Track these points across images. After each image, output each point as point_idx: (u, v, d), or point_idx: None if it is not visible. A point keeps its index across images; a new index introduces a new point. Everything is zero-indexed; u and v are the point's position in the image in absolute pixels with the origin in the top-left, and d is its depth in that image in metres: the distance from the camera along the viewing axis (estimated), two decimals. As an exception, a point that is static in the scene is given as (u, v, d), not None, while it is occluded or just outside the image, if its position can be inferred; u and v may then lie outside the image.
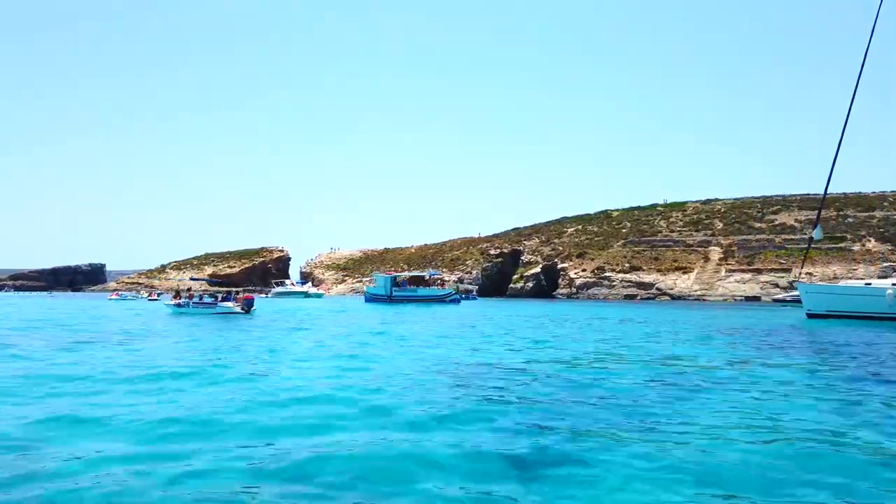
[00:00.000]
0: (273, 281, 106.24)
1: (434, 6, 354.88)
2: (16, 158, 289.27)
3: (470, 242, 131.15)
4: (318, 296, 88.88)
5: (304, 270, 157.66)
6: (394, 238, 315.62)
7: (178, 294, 38.23)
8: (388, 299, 60.52)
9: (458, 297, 62.53)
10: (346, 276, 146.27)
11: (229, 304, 33.97)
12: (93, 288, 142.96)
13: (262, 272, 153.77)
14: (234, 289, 37.50)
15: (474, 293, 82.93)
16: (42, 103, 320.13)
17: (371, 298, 62.62)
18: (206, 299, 35.14)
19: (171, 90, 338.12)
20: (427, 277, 66.87)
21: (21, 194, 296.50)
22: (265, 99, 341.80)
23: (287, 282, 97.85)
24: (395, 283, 62.78)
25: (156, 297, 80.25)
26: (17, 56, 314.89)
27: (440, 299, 59.45)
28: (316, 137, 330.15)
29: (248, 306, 33.64)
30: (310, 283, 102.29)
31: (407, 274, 68.09)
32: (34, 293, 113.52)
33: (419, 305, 52.59)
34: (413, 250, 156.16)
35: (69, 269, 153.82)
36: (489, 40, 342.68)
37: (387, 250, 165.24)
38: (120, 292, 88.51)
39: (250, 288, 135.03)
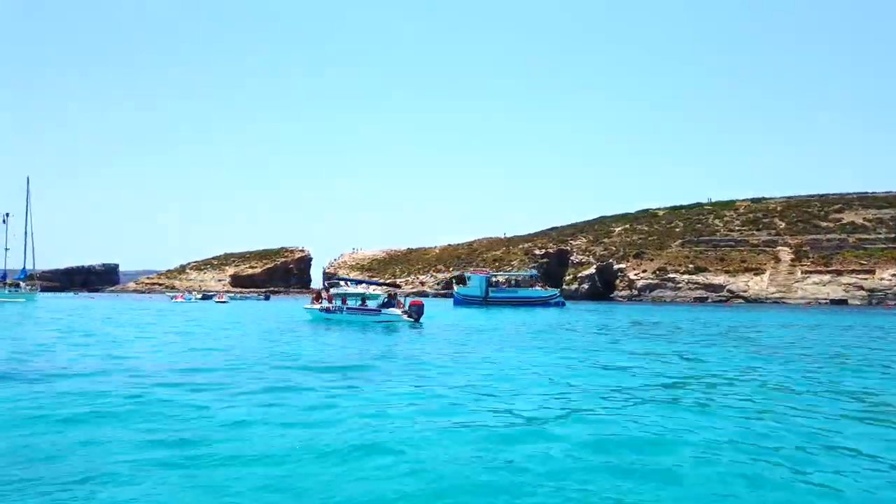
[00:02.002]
0: (326, 282, 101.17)
1: (466, 8, 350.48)
2: (21, 158, 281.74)
3: (506, 242, 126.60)
4: (375, 297, 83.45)
5: (327, 271, 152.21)
6: (407, 239, 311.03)
7: (318, 296, 32.86)
8: (484, 301, 55.18)
9: (561, 299, 57.28)
10: (373, 276, 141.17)
11: (395, 310, 28.83)
12: (112, 288, 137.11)
13: (283, 272, 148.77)
14: (394, 289, 32.36)
15: None
16: (50, 103, 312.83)
17: (462, 301, 57.01)
18: (351, 302, 30.11)
19: (189, 94, 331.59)
20: (528, 278, 61.35)
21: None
22: (274, 100, 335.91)
23: (342, 283, 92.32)
24: (489, 283, 57.28)
25: (223, 300, 75.02)
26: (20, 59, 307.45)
27: (544, 302, 54.11)
28: (328, 138, 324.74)
29: (418, 314, 28.40)
30: (364, 284, 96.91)
31: (508, 274, 61.79)
32: (59, 294, 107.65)
33: (521, 309, 47.52)
34: (438, 251, 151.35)
35: (83, 269, 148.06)
36: (505, 45, 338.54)
37: (410, 250, 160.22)
38: (185, 294, 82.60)
39: (274, 289, 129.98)
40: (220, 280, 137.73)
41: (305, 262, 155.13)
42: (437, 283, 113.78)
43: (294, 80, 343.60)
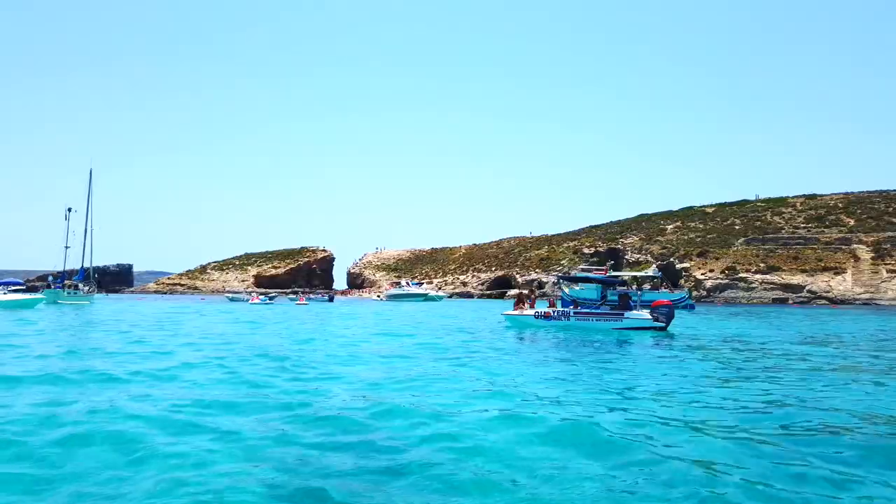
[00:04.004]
0: (388, 283, 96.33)
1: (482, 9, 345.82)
2: (28, 158, 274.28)
3: (546, 240, 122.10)
4: (438, 298, 78.54)
5: (352, 271, 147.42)
6: (413, 239, 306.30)
7: (522, 300, 26.96)
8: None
9: (691, 301, 51.82)
10: (399, 277, 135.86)
11: (642, 313, 23.35)
12: (131, 290, 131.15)
13: (307, 273, 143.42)
14: (622, 288, 27.21)
15: None
16: (58, 102, 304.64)
17: (572, 304, 50.80)
18: (560, 304, 24.82)
19: (192, 95, 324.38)
20: (654, 279, 55.34)
21: (34, 194, 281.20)
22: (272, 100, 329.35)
23: (403, 282, 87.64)
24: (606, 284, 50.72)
25: (304, 302, 69.68)
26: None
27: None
28: (329, 138, 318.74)
29: (668, 318, 23.09)
30: (424, 285, 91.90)
31: (630, 274, 54.51)
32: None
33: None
34: (464, 250, 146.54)
35: (97, 270, 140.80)
36: (514, 46, 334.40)
37: (435, 250, 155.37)
38: (260, 296, 75.74)
39: (296, 290, 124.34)
40: (243, 280, 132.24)
41: (328, 262, 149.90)
42: (482, 284, 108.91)
43: (293, 81, 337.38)
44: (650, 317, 23.18)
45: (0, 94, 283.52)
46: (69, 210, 64.15)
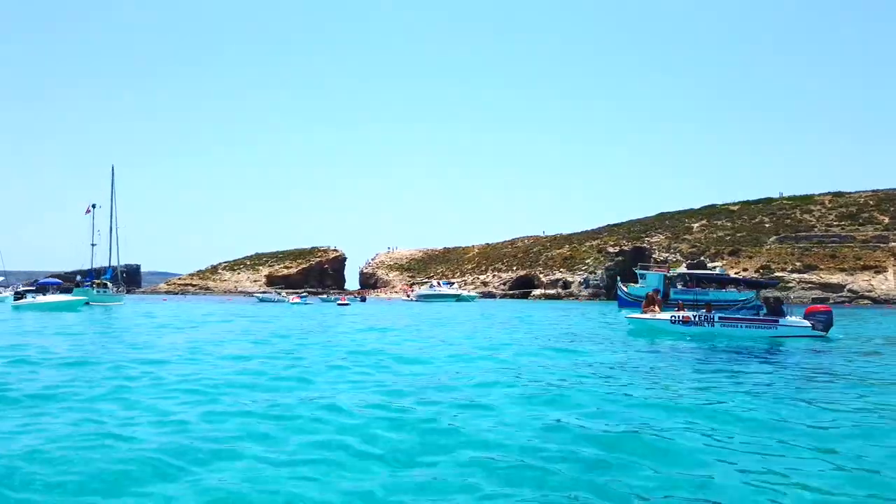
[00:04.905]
0: (414, 283, 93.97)
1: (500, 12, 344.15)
2: (30, 158, 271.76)
3: (567, 239, 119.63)
4: (471, 299, 76.23)
5: (365, 271, 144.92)
6: (417, 238, 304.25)
7: (652, 301, 23.69)
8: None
9: (759, 302, 48.70)
10: (413, 277, 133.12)
11: (800, 320, 20.61)
12: (141, 290, 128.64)
13: (318, 273, 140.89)
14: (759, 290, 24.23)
15: None
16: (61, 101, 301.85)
17: (633, 303, 47.66)
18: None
19: (196, 99, 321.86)
20: (722, 277, 51.63)
21: (39, 194, 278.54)
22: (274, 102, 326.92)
23: (434, 282, 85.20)
24: (668, 282, 47.65)
25: (346, 302, 67.33)
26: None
27: (741, 306, 45.47)
28: (340, 138, 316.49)
29: (826, 325, 20.51)
30: (456, 285, 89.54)
31: (698, 274, 49.20)
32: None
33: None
34: (477, 249, 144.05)
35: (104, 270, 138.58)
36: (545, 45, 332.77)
37: (448, 249, 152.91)
38: (300, 296, 73.26)
39: (310, 290, 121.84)
40: (255, 280, 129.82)
41: (340, 262, 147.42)
42: (503, 284, 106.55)
43: (299, 82, 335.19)
44: (808, 323, 20.73)
45: (3, 96, 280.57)
46: (93, 206, 61.84)
